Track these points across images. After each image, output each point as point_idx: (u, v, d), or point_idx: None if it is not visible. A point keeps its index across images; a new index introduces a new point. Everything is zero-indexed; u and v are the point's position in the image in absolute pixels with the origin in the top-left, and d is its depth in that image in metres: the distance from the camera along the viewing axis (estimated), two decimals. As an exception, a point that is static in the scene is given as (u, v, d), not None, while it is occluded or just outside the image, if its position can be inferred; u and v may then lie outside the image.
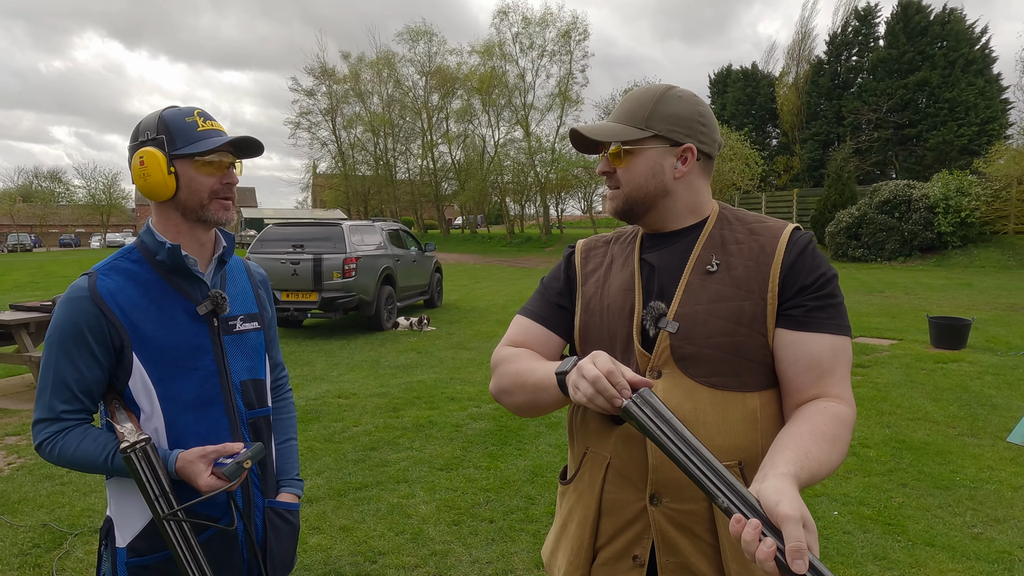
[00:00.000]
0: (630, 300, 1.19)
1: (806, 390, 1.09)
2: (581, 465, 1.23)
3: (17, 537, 3.30)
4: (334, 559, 3.07)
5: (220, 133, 1.36)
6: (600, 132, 1.18)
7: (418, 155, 43.80)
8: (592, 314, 1.24)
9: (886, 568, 2.96)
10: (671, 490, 1.11)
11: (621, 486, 1.16)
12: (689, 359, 1.11)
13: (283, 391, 1.67)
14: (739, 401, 1.11)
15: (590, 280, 1.28)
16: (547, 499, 3.69)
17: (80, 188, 58.47)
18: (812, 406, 1.07)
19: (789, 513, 0.79)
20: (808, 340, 1.08)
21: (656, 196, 1.18)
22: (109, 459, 1.26)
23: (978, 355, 7.26)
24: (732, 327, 1.10)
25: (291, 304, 9.09)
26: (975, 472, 4.02)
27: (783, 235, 1.15)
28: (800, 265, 1.11)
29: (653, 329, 1.13)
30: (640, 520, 1.14)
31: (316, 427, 5.06)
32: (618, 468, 1.16)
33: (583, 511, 1.20)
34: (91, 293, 1.29)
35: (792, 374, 1.09)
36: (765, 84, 34.80)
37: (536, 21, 37.05)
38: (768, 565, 0.78)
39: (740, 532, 0.81)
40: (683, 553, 1.11)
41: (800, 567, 0.76)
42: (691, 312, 1.12)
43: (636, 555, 1.15)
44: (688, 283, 1.15)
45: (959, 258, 19.32)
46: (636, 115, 1.18)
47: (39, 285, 17.45)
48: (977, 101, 27.19)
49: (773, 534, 0.80)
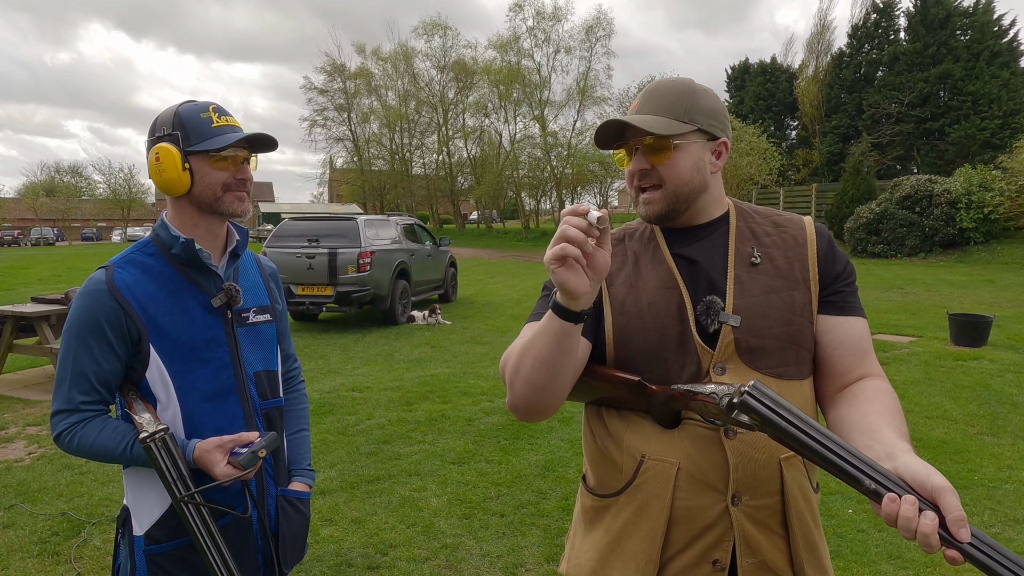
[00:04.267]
0: (676, 298, 1.14)
1: (852, 372, 1.13)
2: (638, 474, 1.13)
3: (37, 525, 3.37)
4: (346, 551, 3.10)
5: (235, 129, 1.37)
6: (650, 124, 1.10)
7: (434, 150, 43.89)
8: (630, 316, 1.15)
9: (901, 567, 2.93)
10: (750, 487, 1.09)
11: (696, 491, 1.10)
12: (755, 351, 1.10)
13: (295, 382, 1.69)
14: (798, 389, 1.13)
15: (617, 280, 1.19)
16: (559, 494, 3.70)
17: (100, 183, 59.34)
18: (868, 385, 1.10)
19: (944, 484, 0.79)
20: (849, 324, 1.14)
21: (699, 192, 1.15)
22: (128, 449, 1.29)
23: (999, 353, 7.14)
24: (789, 316, 1.12)
25: (306, 298, 9.16)
26: (994, 471, 3.96)
27: (808, 226, 1.20)
28: (831, 254, 1.18)
29: (714, 325, 1.11)
30: (720, 523, 1.09)
31: (330, 420, 5.10)
32: (691, 473, 1.09)
33: (651, 523, 1.11)
34: (109, 286, 1.31)
35: (838, 357, 1.14)
36: (784, 78, 34.38)
37: (549, 16, 36.90)
38: (933, 539, 0.77)
39: (896, 511, 0.80)
40: (761, 551, 1.10)
41: (965, 535, 0.76)
42: (748, 304, 1.11)
43: (716, 559, 1.10)
44: (737, 276, 1.14)
45: (981, 254, 18.99)
46: (676, 108, 1.12)
47: (61, 278, 17.73)
48: (1001, 94, 26.65)
49: (930, 508, 0.80)
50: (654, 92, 1.16)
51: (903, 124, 28.92)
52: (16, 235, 49.66)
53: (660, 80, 1.19)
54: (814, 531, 1.14)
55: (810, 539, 1.12)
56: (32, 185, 61.43)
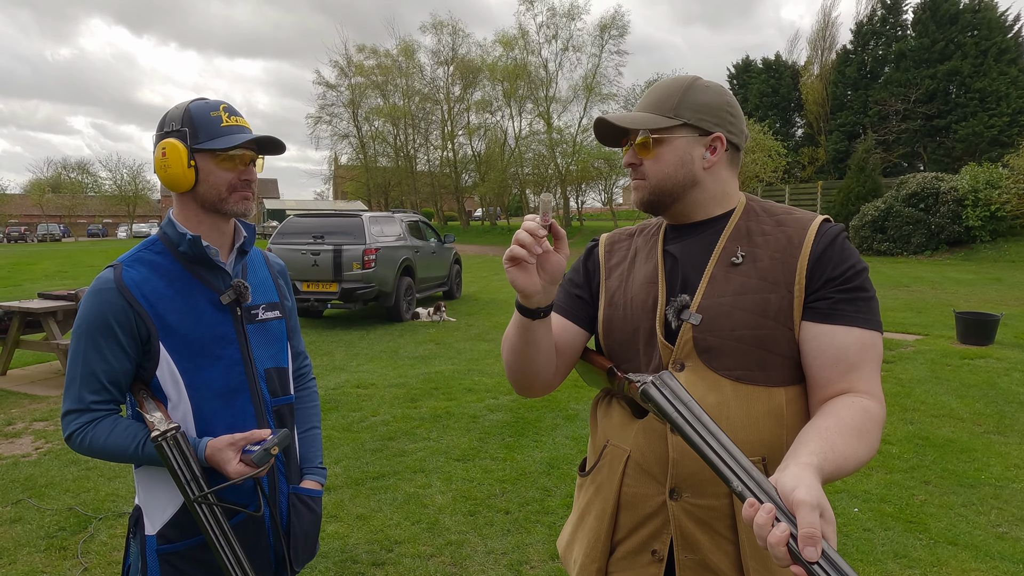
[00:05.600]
0: (653, 292, 1.18)
1: (833, 385, 1.05)
2: (601, 457, 1.22)
3: (44, 520, 3.38)
4: (351, 547, 3.10)
5: (244, 129, 1.37)
6: (628, 120, 1.16)
7: (438, 147, 43.86)
8: (616, 307, 1.22)
9: (907, 566, 2.92)
10: (691, 485, 1.10)
11: (641, 480, 1.15)
12: (712, 351, 1.09)
13: (306, 380, 1.69)
14: (764, 396, 1.08)
15: (614, 274, 1.26)
16: (563, 491, 3.70)
17: (107, 179, 59.56)
18: (840, 400, 1.03)
19: (804, 499, 0.76)
20: (834, 333, 1.05)
21: (684, 186, 1.16)
22: (140, 448, 1.28)
23: (1006, 351, 7.10)
24: (757, 319, 1.08)
25: (311, 295, 9.18)
26: (1001, 470, 3.94)
27: (812, 226, 1.12)
28: (827, 257, 1.08)
29: (676, 321, 1.12)
30: (659, 515, 1.13)
31: (335, 416, 5.11)
32: (638, 461, 1.15)
33: (601, 504, 1.19)
34: (117, 285, 1.31)
35: (817, 368, 1.06)
36: (789, 74, 34.22)
37: (563, 13, 36.74)
38: (780, 550, 0.74)
39: (753, 516, 0.78)
40: (702, 550, 1.10)
41: (812, 554, 0.72)
42: (714, 304, 1.11)
43: (655, 550, 1.14)
44: (712, 275, 1.13)
45: (988, 252, 18.89)
46: (664, 104, 1.15)
47: (67, 274, 17.80)
48: (1009, 91, 26.49)
49: (788, 521, 0.76)
50: (651, 90, 1.21)
51: (909, 121, 28.77)
52: (23, 231, 49.87)
53: (663, 79, 1.23)
54: None
55: (759, 548, 1.07)
56: (38, 181, 61.65)
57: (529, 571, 2.90)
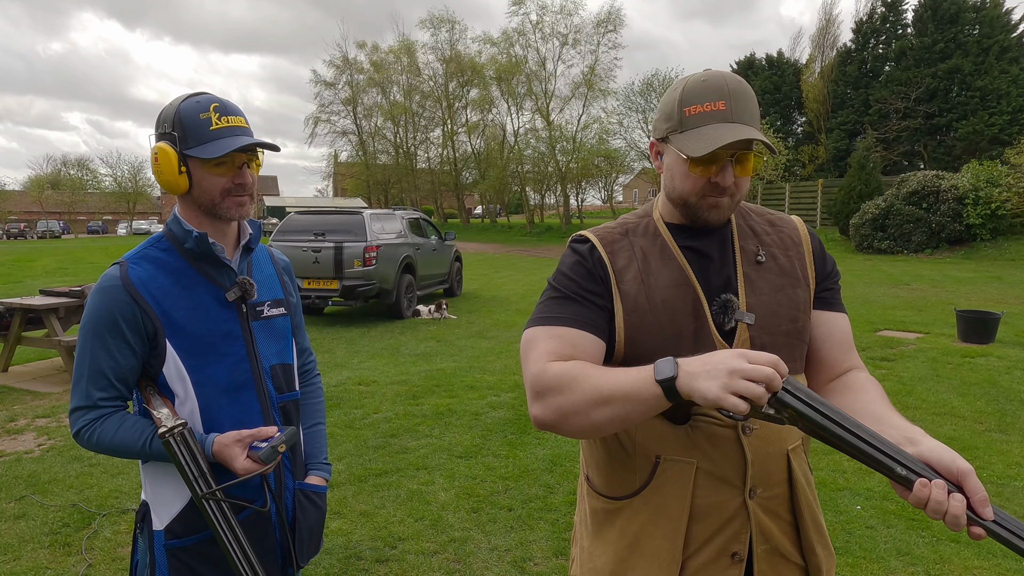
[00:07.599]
0: (690, 294, 1.14)
1: (839, 364, 1.21)
2: (654, 476, 1.13)
3: (47, 516, 3.39)
4: (354, 544, 3.11)
5: (236, 130, 1.33)
6: (764, 138, 1.09)
7: (438, 144, 43.80)
8: (642, 313, 1.13)
9: (910, 564, 2.93)
10: (763, 480, 1.13)
11: (714, 488, 1.11)
12: (767, 348, 1.12)
13: (311, 376, 1.69)
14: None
15: (626, 277, 1.16)
16: (566, 488, 3.70)
17: (107, 176, 59.51)
18: (858, 377, 1.17)
19: (969, 467, 0.88)
20: (838, 319, 1.23)
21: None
22: (147, 444, 1.29)
23: (1007, 350, 7.11)
24: (794, 313, 1.17)
25: (312, 292, 9.18)
26: (1002, 469, 3.95)
27: (800, 226, 1.26)
28: (821, 253, 1.25)
29: (730, 322, 1.12)
30: (738, 517, 1.12)
31: (337, 413, 5.12)
32: (709, 471, 1.11)
33: (670, 523, 1.12)
34: (123, 282, 1.31)
35: (827, 350, 1.21)
36: (791, 72, 34.17)
37: (556, 10, 36.70)
38: (963, 520, 0.85)
39: (927, 495, 0.87)
40: (774, 538, 1.14)
41: (989, 514, 0.86)
42: (759, 302, 1.15)
43: (735, 552, 1.12)
44: (746, 274, 1.17)
45: (988, 251, 18.88)
46: (757, 116, 1.12)
47: (68, 271, 17.80)
48: (1009, 89, 26.46)
49: (956, 488, 0.88)
50: (740, 96, 1.09)
51: (910, 120, 28.73)
52: (23, 228, 49.87)
53: (735, 80, 1.11)
54: (818, 513, 1.21)
55: (817, 521, 1.19)
56: (38, 178, 61.61)
57: (533, 568, 2.91)
